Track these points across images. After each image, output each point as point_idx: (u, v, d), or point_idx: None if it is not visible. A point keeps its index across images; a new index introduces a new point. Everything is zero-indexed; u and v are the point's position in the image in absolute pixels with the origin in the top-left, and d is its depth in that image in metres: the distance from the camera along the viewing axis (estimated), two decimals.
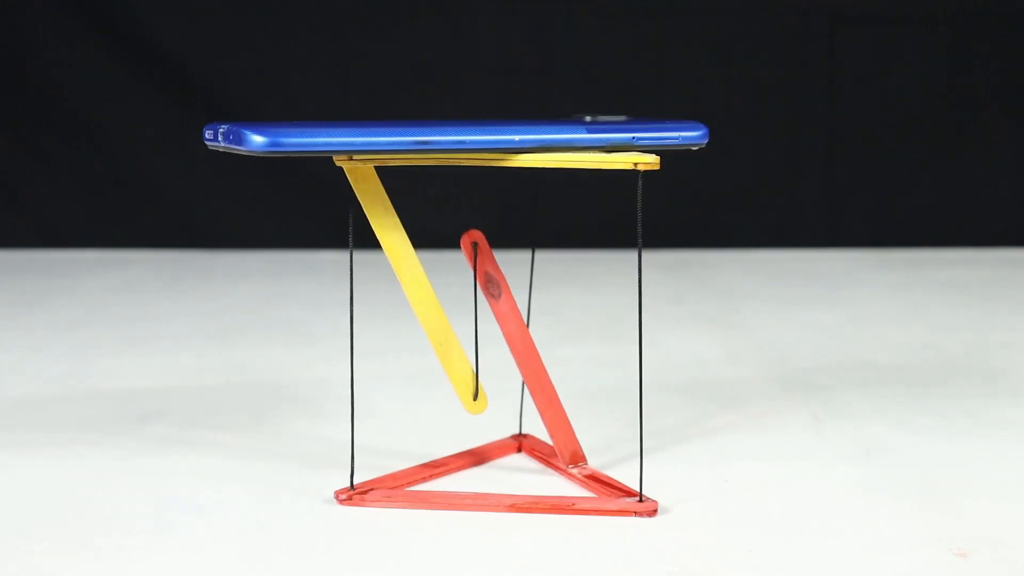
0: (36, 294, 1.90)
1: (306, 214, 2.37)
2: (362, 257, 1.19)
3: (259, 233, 2.38)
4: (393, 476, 0.97)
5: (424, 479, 0.98)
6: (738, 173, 2.40)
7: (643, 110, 1.89)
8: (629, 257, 2.29)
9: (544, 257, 2.28)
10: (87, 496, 0.95)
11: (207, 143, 0.87)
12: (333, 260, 2.21)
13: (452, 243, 1.02)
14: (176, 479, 0.99)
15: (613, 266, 2.18)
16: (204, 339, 1.56)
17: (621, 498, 0.92)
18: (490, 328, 0.99)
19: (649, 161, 0.87)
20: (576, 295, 1.89)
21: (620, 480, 0.96)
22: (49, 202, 2.39)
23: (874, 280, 2.02)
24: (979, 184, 2.40)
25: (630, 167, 0.87)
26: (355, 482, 0.94)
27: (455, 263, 1.37)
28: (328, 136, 0.83)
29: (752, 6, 2.35)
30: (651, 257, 2.24)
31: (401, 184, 1.04)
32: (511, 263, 1.09)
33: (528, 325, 0.98)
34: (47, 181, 2.39)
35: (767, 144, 2.40)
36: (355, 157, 0.88)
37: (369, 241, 0.92)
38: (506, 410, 1.12)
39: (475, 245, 0.94)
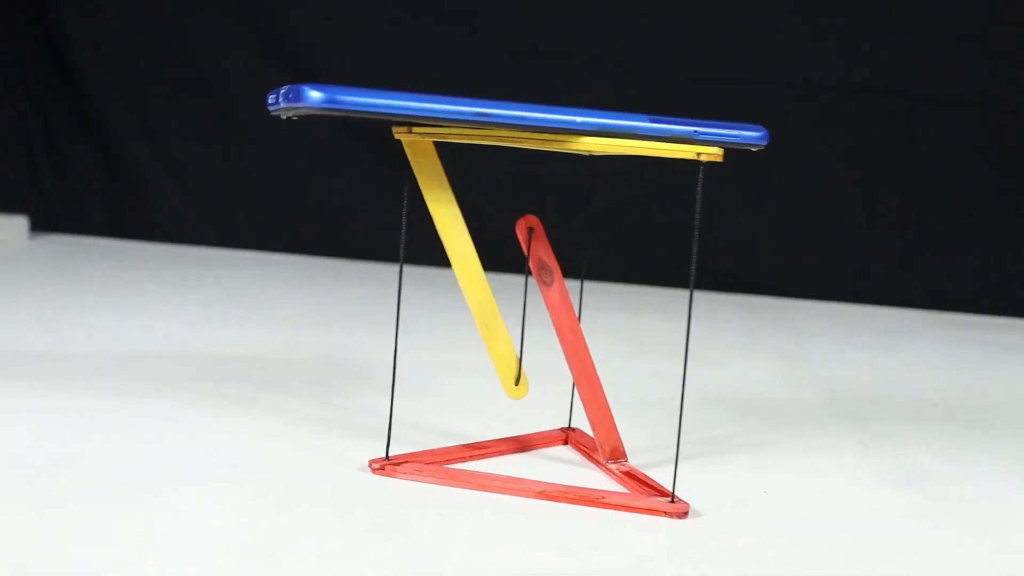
0: (194, 279, 1.78)
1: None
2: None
3: (396, 247, 2.23)
4: (432, 452, 0.79)
5: (462, 459, 0.80)
6: (817, 230, 2.19)
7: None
8: (702, 295, 2.09)
9: (617, 288, 2.09)
10: (140, 441, 0.80)
11: (269, 108, 0.71)
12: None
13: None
14: (228, 434, 0.83)
15: (684, 301, 1.98)
16: (313, 324, 1.41)
17: (653, 497, 0.73)
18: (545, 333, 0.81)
19: (712, 152, 0.69)
20: (646, 320, 1.69)
21: (657, 480, 0.77)
22: (231, 207, 2.29)
23: (932, 335, 1.79)
24: None
25: (692, 156, 0.69)
26: (393, 454, 0.77)
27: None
28: (387, 99, 0.66)
29: (839, 81, 2.14)
30: (728, 299, 2.04)
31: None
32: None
33: (580, 318, 0.80)
34: (227, 182, 2.28)
35: (845, 204, 2.18)
36: (414, 130, 0.72)
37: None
38: (562, 404, 0.94)
39: (530, 230, 0.77)
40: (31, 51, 2.27)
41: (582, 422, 0.89)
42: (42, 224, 2.28)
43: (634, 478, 0.77)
